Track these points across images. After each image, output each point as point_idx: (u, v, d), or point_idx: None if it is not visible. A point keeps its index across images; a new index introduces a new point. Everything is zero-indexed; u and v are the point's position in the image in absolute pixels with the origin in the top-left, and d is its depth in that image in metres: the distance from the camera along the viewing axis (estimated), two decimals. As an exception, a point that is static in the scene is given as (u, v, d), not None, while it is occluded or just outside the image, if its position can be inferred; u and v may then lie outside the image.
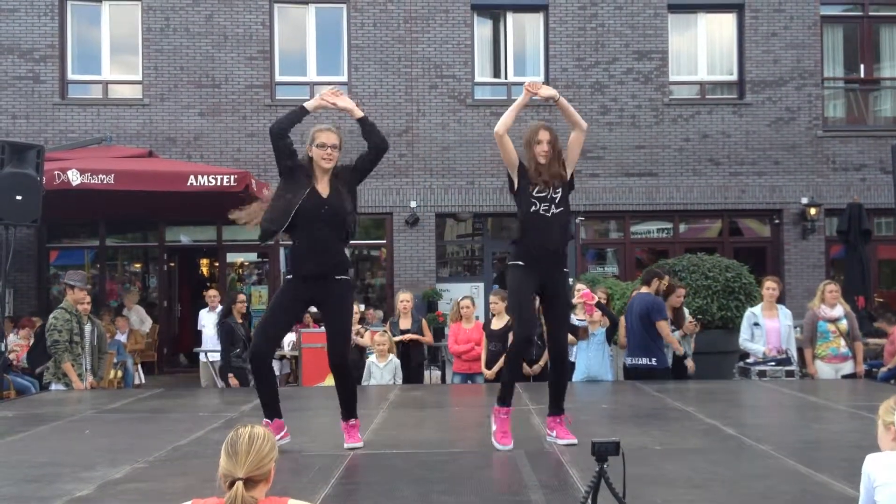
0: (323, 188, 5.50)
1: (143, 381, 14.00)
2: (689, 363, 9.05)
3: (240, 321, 10.25)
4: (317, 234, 5.42)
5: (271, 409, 5.52)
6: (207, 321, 12.60)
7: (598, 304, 8.80)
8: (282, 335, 6.00)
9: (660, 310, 8.84)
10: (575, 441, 5.54)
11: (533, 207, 5.63)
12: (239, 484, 2.59)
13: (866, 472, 3.21)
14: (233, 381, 10.12)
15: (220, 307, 12.79)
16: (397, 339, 9.76)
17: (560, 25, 16.81)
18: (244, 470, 2.61)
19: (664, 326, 8.78)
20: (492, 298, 9.65)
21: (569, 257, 5.90)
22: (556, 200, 5.69)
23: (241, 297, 10.56)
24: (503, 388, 5.67)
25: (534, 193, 5.65)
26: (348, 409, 5.68)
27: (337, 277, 5.50)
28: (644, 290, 9.08)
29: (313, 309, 6.95)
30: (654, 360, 8.74)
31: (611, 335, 9.03)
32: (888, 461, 3.18)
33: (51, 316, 8.95)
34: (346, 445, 5.59)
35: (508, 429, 5.60)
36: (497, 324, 9.32)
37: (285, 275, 5.72)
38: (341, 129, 5.70)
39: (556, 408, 5.74)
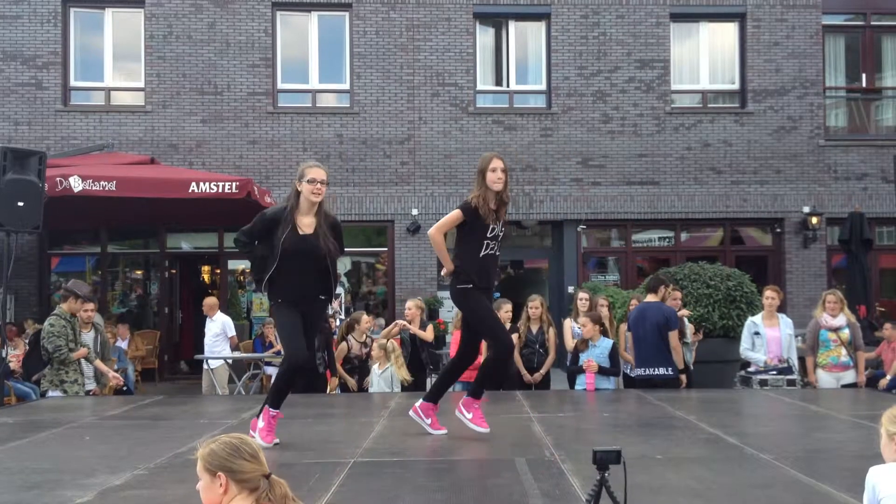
0: (306, 225, 5.91)
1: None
2: (682, 377, 8.97)
3: None
4: (299, 268, 5.84)
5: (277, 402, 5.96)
6: (208, 329, 12.60)
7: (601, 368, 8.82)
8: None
9: (676, 319, 8.80)
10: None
11: (484, 251, 5.98)
12: (274, 476, 2.78)
13: (871, 483, 3.17)
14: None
15: (218, 313, 12.78)
16: (392, 327, 9.62)
17: (562, 34, 16.84)
18: (266, 467, 2.79)
19: (676, 336, 8.74)
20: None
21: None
22: (500, 238, 6.07)
23: None
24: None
25: (488, 234, 5.97)
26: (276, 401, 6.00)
27: (321, 297, 6.05)
28: (651, 297, 8.98)
29: None
30: (670, 369, 8.66)
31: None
32: (893, 473, 3.14)
33: (46, 323, 8.89)
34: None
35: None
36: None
37: (271, 302, 6.14)
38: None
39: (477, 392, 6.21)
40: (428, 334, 9.99)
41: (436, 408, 6.31)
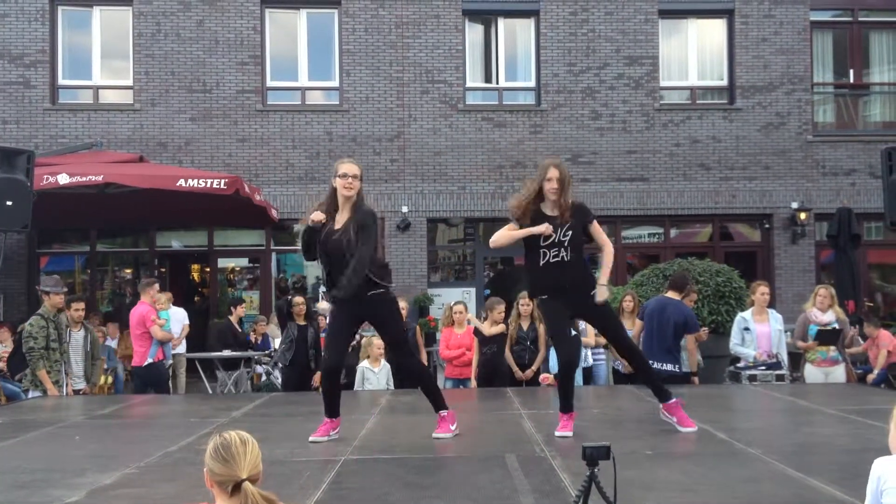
0: (340, 219, 5.93)
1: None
2: (696, 380, 8.99)
3: (301, 323, 9.88)
4: (332, 267, 5.94)
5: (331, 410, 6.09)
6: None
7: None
8: (345, 351, 6.38)
9: (695, 322, 8.83)
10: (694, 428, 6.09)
11: (543, 259, 5.99)
12: (247, 483, 2.64)
13: (876, 474, 3.14)
14: None
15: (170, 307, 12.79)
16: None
17: (551, 31, 16.84)
18: (246, 471, 2.66)
19: (693, 340, 8.75)
20: (488, 305, 9.66)
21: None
22: (566, 244, 5.97)
23: (298, 299, 10.06)
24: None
25: (542, 243, 5.95)
26: (437, 403, 6.16)
27: (369, 294, 5.96)
28: (673, 294, 8.97)
29: None
30: (678, 367, 8.70)
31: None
32: None
33: (27, 323, 8.92)
34: (433, 435, 6.03)
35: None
36: (488, 329, 9.31)
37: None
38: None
39: (663, 396, 6.20)
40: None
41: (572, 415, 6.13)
